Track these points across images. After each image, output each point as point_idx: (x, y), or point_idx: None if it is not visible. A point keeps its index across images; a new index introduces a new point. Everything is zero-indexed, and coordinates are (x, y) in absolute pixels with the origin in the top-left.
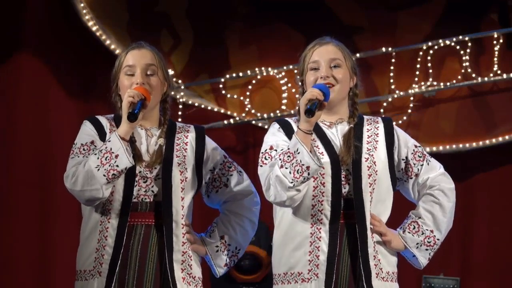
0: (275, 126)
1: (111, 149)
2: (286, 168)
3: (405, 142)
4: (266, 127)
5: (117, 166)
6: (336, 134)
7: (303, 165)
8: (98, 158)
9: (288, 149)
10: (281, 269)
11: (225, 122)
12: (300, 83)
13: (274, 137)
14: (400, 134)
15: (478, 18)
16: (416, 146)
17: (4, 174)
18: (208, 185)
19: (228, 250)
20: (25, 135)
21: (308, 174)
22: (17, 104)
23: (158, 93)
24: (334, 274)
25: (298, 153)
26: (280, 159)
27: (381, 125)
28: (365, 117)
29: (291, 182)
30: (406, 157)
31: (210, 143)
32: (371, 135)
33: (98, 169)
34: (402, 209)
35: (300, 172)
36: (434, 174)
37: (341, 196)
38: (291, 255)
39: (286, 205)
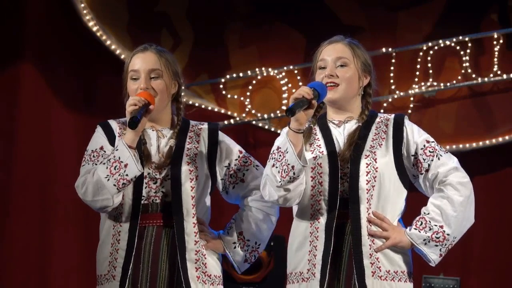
0: (284, 130)
1: (119, 158)
2: (276, 167)
3: (415, 137)
4: (266, 127)
5: (126, 175)
6: (343, 132)
7: (289, 164)
8: (107, 168)
9: (280, 148)
10: (289, 269)
11: (225, 122)
12: None
13: (281, 138)
14: (410, 130)
15: (478, 18)
16: (427, 142)
17: (4, 175)
18: (225, 181)
19: (247, 245)
20: (26, 135)
21: (294, 173)
22: (18, 105)
23: (164, 96)
24: (327, 273)
25: (287, 152)
26: (273, 158)
27: (391, 122)
28: (379, 114)
29: (279, 182)
30: (416, 153)
31: (224, 139)
32: (379, 133)
33: (108, 179)
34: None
35: (287, 172)
36: (445, 169)
37: (337, 195)
38: (295, 255)
39: (280, 203)
